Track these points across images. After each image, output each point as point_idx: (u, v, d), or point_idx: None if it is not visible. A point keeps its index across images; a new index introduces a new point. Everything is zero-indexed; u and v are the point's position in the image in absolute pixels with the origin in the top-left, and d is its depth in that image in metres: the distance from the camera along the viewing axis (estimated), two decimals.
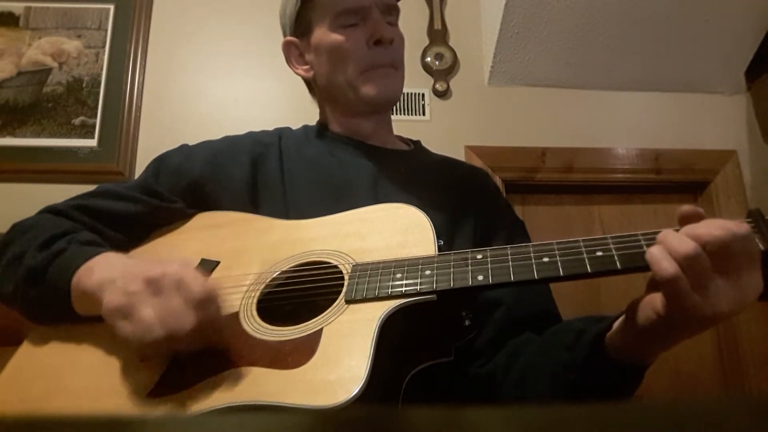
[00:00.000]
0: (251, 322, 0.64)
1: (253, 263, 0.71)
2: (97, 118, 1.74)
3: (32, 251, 0.69)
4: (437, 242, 0.67)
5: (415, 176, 0.89)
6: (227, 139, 0.92)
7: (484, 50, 1.93)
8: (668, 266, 0.51)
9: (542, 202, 1.92)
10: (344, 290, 0.63)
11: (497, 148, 1.85)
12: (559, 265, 0.58)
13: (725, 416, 0.19)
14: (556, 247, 0.60)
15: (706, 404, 0.19)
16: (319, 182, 0.84)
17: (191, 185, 0.83)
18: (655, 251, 0.53)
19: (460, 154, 1.80)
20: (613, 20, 1.77)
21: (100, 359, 0.65)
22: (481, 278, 0.60)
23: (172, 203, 0.81)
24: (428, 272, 0.62)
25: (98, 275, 0.63)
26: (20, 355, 0.69)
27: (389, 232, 0.70)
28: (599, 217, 1.92)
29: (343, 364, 0.55)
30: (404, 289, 0.61)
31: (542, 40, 1.81)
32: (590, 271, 0.57)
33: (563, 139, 1.89)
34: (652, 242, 0.55)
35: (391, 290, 0.61)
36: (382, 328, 0.57)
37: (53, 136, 1.71)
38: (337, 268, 0.67)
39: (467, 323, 0.69)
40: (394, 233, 0.69)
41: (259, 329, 0.63)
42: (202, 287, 0.58)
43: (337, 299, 0.63)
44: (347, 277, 0.65)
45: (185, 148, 0.90)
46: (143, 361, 0.63)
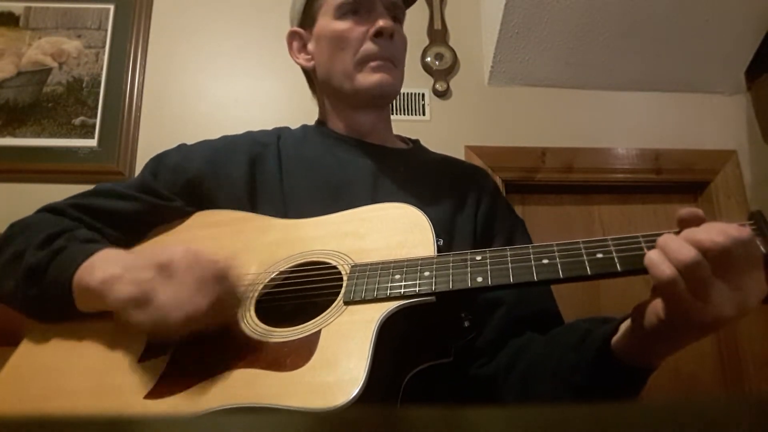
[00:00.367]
0: (249, 323, 0.64)
1: (251, 263, 0.71)
2: (97, 118, 1.74)
3: (32, 249, 0.69)
4: (436, 243, 0.67)
5: (414, 175, 0.88)
6: (225, 138, 0.92)
7: (484, 50, 1.93)
8: (666, 271, 0.51)
9: (542, 202, 1.91)
10: (343, 291, 0.63)
11: (497, 148, 1.85)
12: (558, 267, 0.58)
13: (725, 416, 0.19)
14: (555, 248, 0.60)
15: (706, 404, 0.19)
16: (317, 181, 0.84)
17: (189, 184, 0.82)
18: (653, 256, 0.53)
19: (460, 154, 1.79)
20: (613, 20, 1.77)
21: (98, 359, 0.65)
22: (480, 280, 0.60)
23: (170, 202, 0.81)
24: (427, 273, 0.62)
25: (100, 271, 0.63)
26: (19, 354, 0.69)
27: (388, 232, 0.70)
28: (599, 217, 1.92)
29: (341, 366, 0.55)
30: (403, 290, 0.60)
31: (542, 40, 1.81)
32: (590, 273, 0.57)
33: (563, 139, 1.88)
34: (652, 244, 0.55)
35: (389, 291, 0.61)
36: (380, 329, 0.57)
37: (53, 136, 1.71)
38: (335, 268, 0.67)
39: (466, 324, 0.68)
40: (393, 233, 0.69)
41: (257, 330, 0.63)
42: (213, 264, 0.59)
43: (335, 300, 0.63)
44: (346, 277, 0.65)
45: (183, 147, 0.89)
46: (145, 359, 0.63)
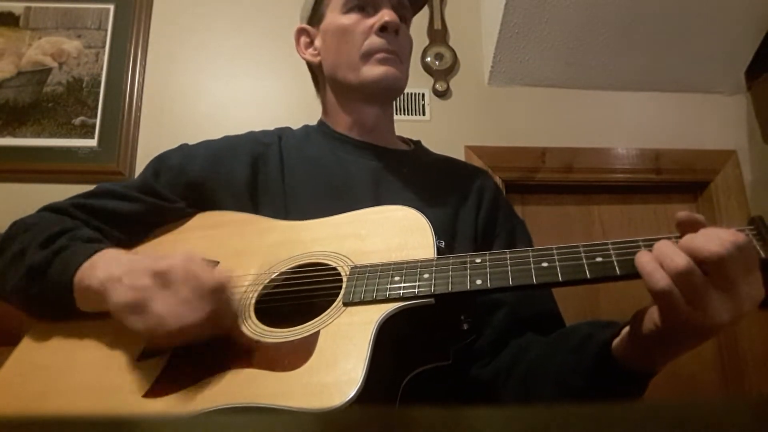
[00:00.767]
0: (249, 323, 0.64)
1: (252, 264, 0.71)
2: (97, 118, 1.74)
3: (33, 248, 0.69)
4: (437, 245, 0.67)
5: (415, 176, 0.88)
6: (227, 138, 0.92)
7: (484, 50, 1.93)
8: (660, 281, 0.51)
9: (542, 202, 1.91)
10: (342, 292, 0.63)
11: (497, 148, 1.85)
12: (558, 270, 0.58)
13: (725, 417, 0.19)
14: (555, 252, 0.60)
15: (706, 405, 0.19)
16: (319, 182, 0.84)
17: (191, 185, 0.82)
18: (647, 263, 0.52)
19: (460, 154, 1.79)
20: (613, 20, 1.77)
21: (97, 358, 0.65)
22: (479, 282, 0.60)
23: (172, 203, 0.81)
24: (426, 275, 0.61)
25: (101, 272, 0.63)
26: (19, 352, 0.69)
27: (389, 234, 0.70)
28: (599, 217, 1.92)
29: (339, 366, 0.55)
30: (402, 292, 0.60)
31: (542, 40, 1.81)
32: (589, 277, 0.57)
33: (563, 139, 1.89)
34: (652, 249, 0.54)
35: (388, 293, 0.61)
36: (379, 331, 0.57)
37: (53, 136, 1.71)
38: (335, 269, 0.67)
39: (465, 327, 0.68)
40: (393, 235, 0.69)
41: (256, 331, 0.63)
42: (211, 277, 0.59)
43: (335, 301, 0.63)
44: (345, 279, 0.65)
45: (185, 147, 0.89)
46: (144, 358, 0.63)
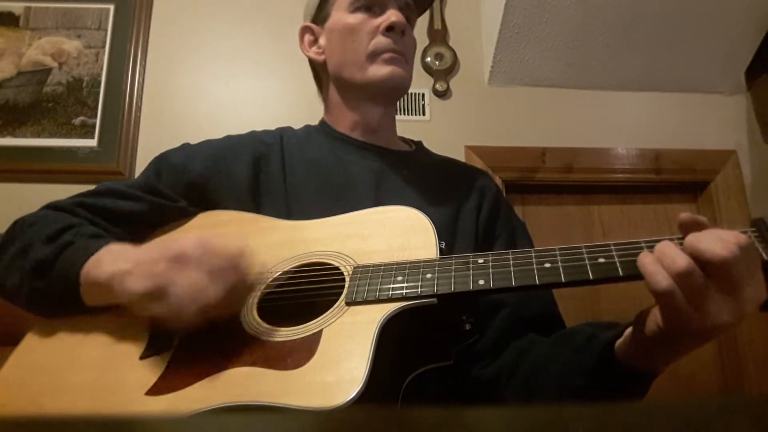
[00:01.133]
0: (251, 322, 0.64)
1: (254, 263, 0.71)
2: (97, 118, 1.74)
3: (38, 244, 0.69)
4: (439, 245, 0.67)
5: (417, 177, 0.89)
6: (229, 138, 0.92)
7: (484, 50, 1.93)
8: (662, 282, 0.51)
9: (542, 202, 1.91)
10: (345, 292, 0.63)
11: (497, 148, 1.85)
12: (560, 270, 0.58)
13: (725, 416, 0.19)
14: (558, 252, 0.60)
15: (706, 405, 0.19)
16: (321, 182, 0.84)
17: (193, 184, 0.83)
18: (649, 264, 0.53)
19: (460, 154, 1.80)
20: (613, 20, 1.77)
21: (99, 356, 0.65)
22: (482, 283, 0.60)
23: (173, 202, 0.81)
24: (429, 275, 0.62)
25: (108, 266, 0.63)
26: (20, 351, 0.69)
27: (391, 234, 0.70)
28: (599, 217, 1.92)
29: (342, 366, 0.55)
30: (405, 291, 0.61)
31: (542, 40, 1.81)
32: (592, 278, 0.57)
33: (563, 139, 1.89)
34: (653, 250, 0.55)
35: (391, 293, 0.61)
36: (381, 330, 0.57)
37: (53, 136, 1.71)
38: (338, 269, 0.67)
39: (468, 327, 0.68)
40: (396, 236, 0.69)
41: (258, 329, 0.63)
42: (225, 253, 0.60)
43: (337, 301, 0.63)
44: (348, 278, 0.65)
45: (187, 146, 0.89)
46: (146, 356, 0.63)
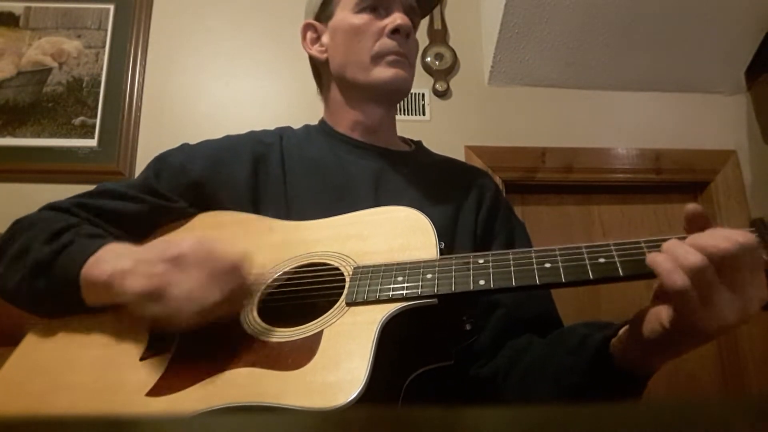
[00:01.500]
0: (251, 322, 0.64)
1: (254, 264, 0.71)
2: (97, 118, 1.74)
3: (38, 245, 0.69)
4: (438, 245, 0.67)
5: (416, 177, 0.89)
6: (228, 138, 0.92)
7: (484, 50, 1.93)
8: (679, 279, 0.50)
9: (542, 202, 1.91)
10: (345, 292, 0.63)
11: (497, 148, 1.85)
12: (561, 271, 0.58)
13: (725, 416, 0.19)
14: (558, 252, 0.60)
15: (706, 404, 0.19)
16: (320, 182, 0.84)
17: (192, 185, 0.82)
18: (663, 262, 0.52)
19: (460, 154, 1.80)
20: (613, 20, 1.77)
21: (99, 356, 0.65)
22: (482, 283, 0.60)
23: (173, 202, 0.81)
24: (430, 276, 0.62)
25: (109, 265, 0.64)
26: (20, 351, 0.69)
27: (391, 234, 0.70)
28: (599, 217, 1.92)
29: (343, 366, 0.55)
30: (405, 292, 0.61)
31: (542, 40, 1.81)
32: (592, 278, 0.57)
33: (563, 139, 1.89)
34: (654, 250, 0.55)
35: (392, 293, 0.61)
36: (382, 331, 0.57)
37: (53, 136, 1.71)
38: (338, 270, 0.67)
39: (468, 328, 0.68)
40: (396, 236, 0.69)
41: (259, 330, 0.63)
42: (224, 257, 0.60)
43: (338, 301, 0.63)
44: (348, 279, 0.65)
45: (186, 147, 0.89)
46: (147, 357, 0.63)
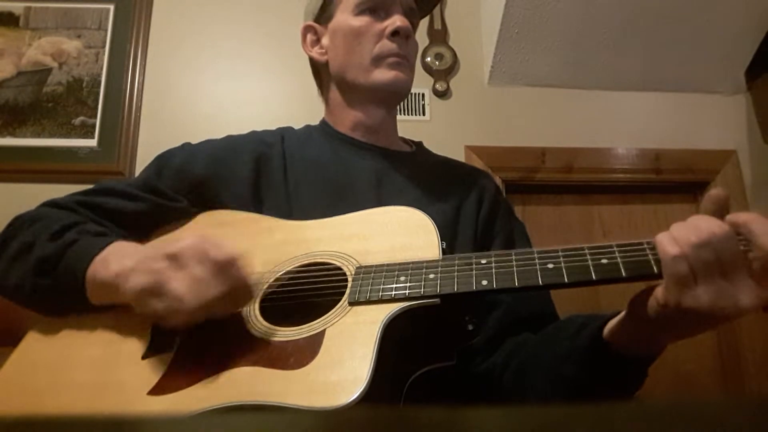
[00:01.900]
0: (254, 321, 0.64)
1: (256, 263, 0.71)
2: (97, 118, 1.74)
3: (42, 241, 0.69)
4: (441, 245, 0.67)
5: (417, 177, 0.89)
6: (230, 138, 0.92)
7: (484, 50, 1.93)
8: (670, 248, 0.52)
9: (542, 202, 1.92)
10: (347, 292, 0.63)
11: (497, 148, 1.85)
12: (563, 271, 0.58)
13: (725, 416, 0.19)
14: (560, 253, 0.60)
15: (706, 404, 0.19)
16: (322, 182, 0.84)
17: (194, 184, 0.82)
18: (662, 236, 0.54)
19: (460, 154, 1.80)
20: (613, 20, 1.77)
21: (101, 355, 0.65)
22: (485, 283, 0.60)
23: (174, 201, 0.81)
24: (432, 276, 0.62)
25: (115, 264, 0.64)
26: (21, 350, 0.69)
27: (393, 234, 0.70)
28: (599, 217, 1.92)
29: (345, 366, 0.55)
30: (408, 292, 0.61)
31: (542, 40, 1.81)
32: (595, 278, 0.57)
33: (563, 139, 1.89)
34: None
35: (394, 293, 0.61)
36: (384, 330, 0.57)
37: (53, 136, 1.71)
38: (340, 269, 0.67)
39: (470, 328, 0.68)
40: (398, 236, 0.69)
41: (261, 329, 0.63)
42: (223, 253, 0.60)
43: (340, 301, 0.63)
44: (351, 278, 0.65)
45: (188, 146, 0.89)
46: (148, 356, 0.63)
